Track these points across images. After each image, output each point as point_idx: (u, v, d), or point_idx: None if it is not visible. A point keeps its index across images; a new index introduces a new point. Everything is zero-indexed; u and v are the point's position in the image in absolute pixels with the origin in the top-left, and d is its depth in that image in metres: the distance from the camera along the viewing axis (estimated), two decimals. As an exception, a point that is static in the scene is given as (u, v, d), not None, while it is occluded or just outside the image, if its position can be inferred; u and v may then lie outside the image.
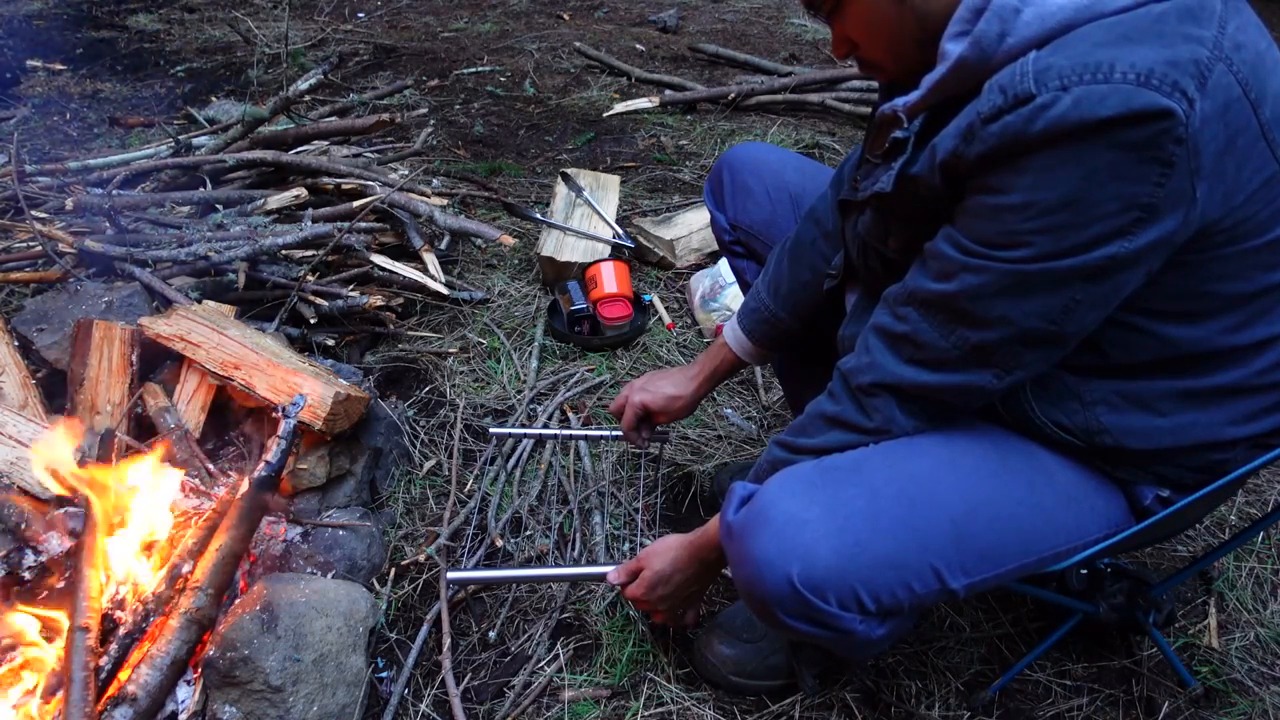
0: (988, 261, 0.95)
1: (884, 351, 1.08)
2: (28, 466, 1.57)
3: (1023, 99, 0.86)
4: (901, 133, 1.03)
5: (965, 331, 1.01)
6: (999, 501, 1.10)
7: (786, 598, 1.03)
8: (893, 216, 1.10)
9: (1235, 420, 1.08)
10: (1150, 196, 0.87)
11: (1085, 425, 1.10)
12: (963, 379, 1.05)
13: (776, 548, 1.04)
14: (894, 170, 1.04)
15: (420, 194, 2.60)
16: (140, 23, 5.35)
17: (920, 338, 1.04)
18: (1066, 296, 0.95)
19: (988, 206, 0.93)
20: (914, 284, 1.04)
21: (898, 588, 1.04)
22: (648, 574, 1.36)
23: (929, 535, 1.05)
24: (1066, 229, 0.90)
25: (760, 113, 4.00)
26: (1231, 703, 1.45)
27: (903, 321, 1.06)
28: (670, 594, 1.36)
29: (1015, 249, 0.92)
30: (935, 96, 0.98)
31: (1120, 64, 0.83)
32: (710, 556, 1.32)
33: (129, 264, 2.19)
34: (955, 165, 0.95)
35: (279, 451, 1.51)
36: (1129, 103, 0.82)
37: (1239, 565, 1.69)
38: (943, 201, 1.00)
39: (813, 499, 1.05)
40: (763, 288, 1.51)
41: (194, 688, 1.33)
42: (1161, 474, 1.14)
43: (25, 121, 3.81)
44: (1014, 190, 0.90)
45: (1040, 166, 0.88)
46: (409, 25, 5.36)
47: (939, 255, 1.00)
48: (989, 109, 0.89)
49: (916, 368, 1.06)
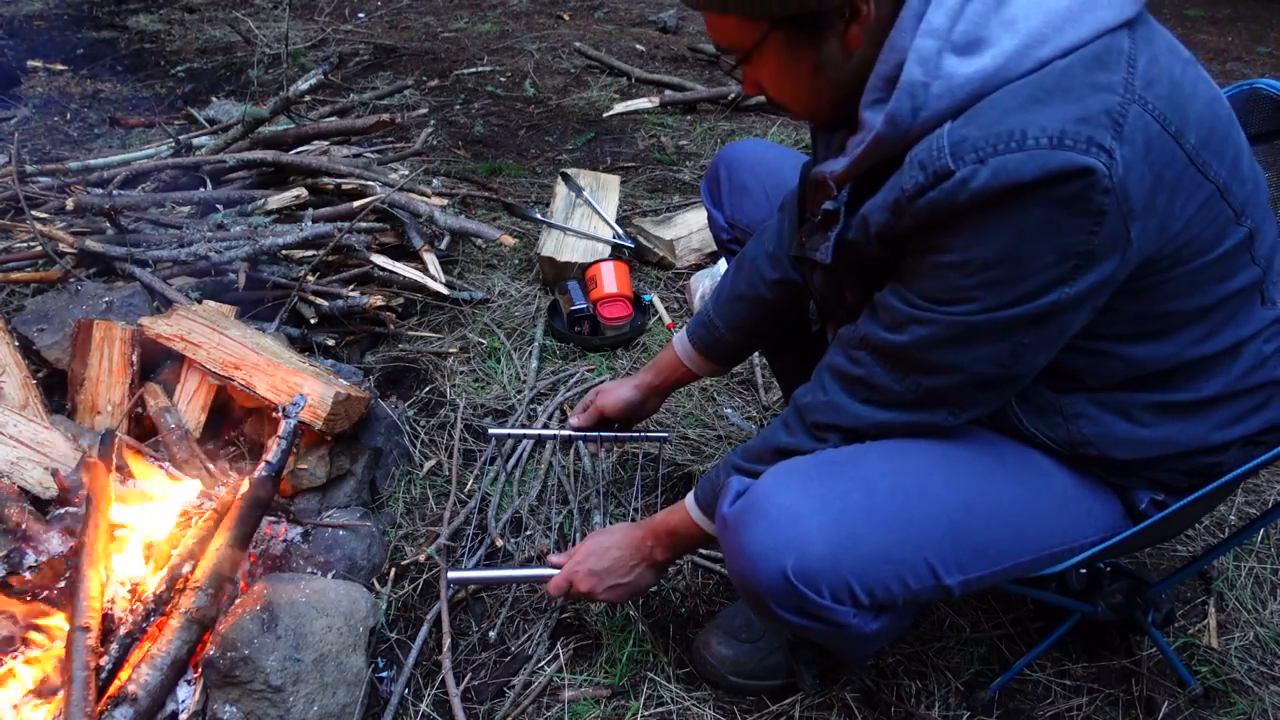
0: (934, 314, 0.97)
1: (840, 393, 1.10)
2: (28, 466, 1.57)
3: (942, 175, 0.87)
4: (831, 204, 1.05)
5: (918, 378, 1.03)
6: (995, 499, 1.10)
7: (780, 590, 1.03)
8: (841, 278, 1.12)
9: (1222, 425, 1.09)
10: (1086, 245, 0.88)
11: (1069, 438, 1.11)
12: (918, 418, 1.07)
13: (771, 540, 1.04)
14: (830, 242, 1.06)
15: (420, 194, 2.60)
16: (141, 23, 5.35)
17: (875, 380, 1.06)
18: (1013, 342, 0.97)
19: (929, 265, 0.95)
20: (866, 330, 1.06)
21: (891, 581, 1.04)
22: (580, 573, 1.37)
23: (924, 530, 1.05)
24: (1006, 283, 0.91)
25: (760, 113, 4.00)
26: (1231, 702, 1.46)
27: (857, 365, 1.08)
28: (607, 590, 1.37)
29: (960, 304, 0.95)
30: (859, 168, 1.00)
31: (1031, 129, 0.84)
32: (657, 557, 1.35)
33: (129, 264, 2.19)
34: (889, 234, 0.97)
35: (279, 451, 1.51)
36: (1045, 166, 0.83)
37: (1238, 565, 1.69)
38: (883, 261, 1.02)
39: (808, 492, 1.05)
40: (710, 298, 1.54)
41: (194, 687, 1.33)
42: (1154, 479, 1.14)
43: (26, 122, 3.81)
44: (951, 250, 0.92)
45: (972, 228, 0.89)
46: (409, 25, 5.36)
47: (888, 308, 1.02)
48: (911, 186, 0.90)
49: (873, 408, 1.08)
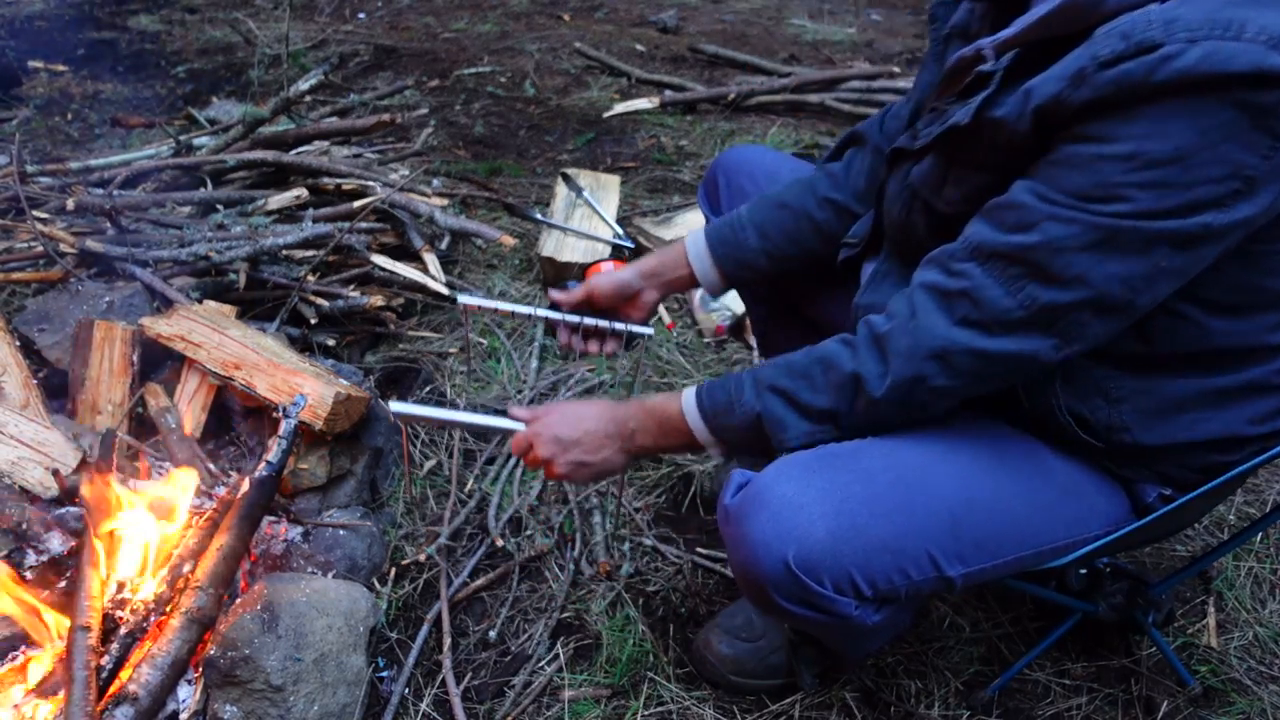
0: (1077, 213, 0.90)
1: (933, 311, 1.00)
2: (29, 466, 1.58)
3: (1147, 47, 0.83)
4: (989, 67, 0.98)
5: (1036, 289, 0.94)
6: (997, 493, 1.10)
7: (782, 580, 1.03)
8: (957, 162, 1.05)
9: (1253, 419, 1.08)
10: (1254, 169, 0.85)
11: (1107, 421, 1.09)
12: (1018, 346, 0.98)
13: (773, 530, 1.03)
14: (974, 104, 0.99)
15: (420, 194, 2.60)
16: (141, 24, 5.35)
17: (981, 294, 0.97)
18: (1152, 262, 0.90)
19: (1084, 156, 0.89)
20: (979, 238, 0.98)
21: (893, 573, 1.04)
22: (544, 437, 1.24)
23: (926, 521, 1.05)
24: (1167, 187, 0.86)
25: (760, 113, 4.00)
26: (1230, 702, 1.46)
27: (960, 278, 0.99)
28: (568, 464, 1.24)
29: (1110, 203, 0.88)
30: (1035, 33, 0.94)
31: (1251, 24, 0.81)
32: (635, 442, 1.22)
33: (130, 264, 2.19)
34: (1054, 111, 0.90)
35: (279, 451, 1.51)
36: (1260, 63, 0.80)
37: (1238, 565, 1.69)
38: (1019, 151, 0.96)
39: (809, 483, 1.05)
40: (749, 229, 1.44)
41: (195, 687, 1.34)
42: (1165, 473, 1.14)
43: (27, 122, 3.81)
44: (1121, 139, 0.87)
45: (1154, 116, 0.85)
46: (409, 26, 5.36)
47: (1016, 206, 0.95)
48: (1108, 54, 0.85)
49: (970, 330, 0.98)
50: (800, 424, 1.09)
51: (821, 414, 1.09)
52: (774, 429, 1.10)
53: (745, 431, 1.13)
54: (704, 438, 1.18)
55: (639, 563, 1.73)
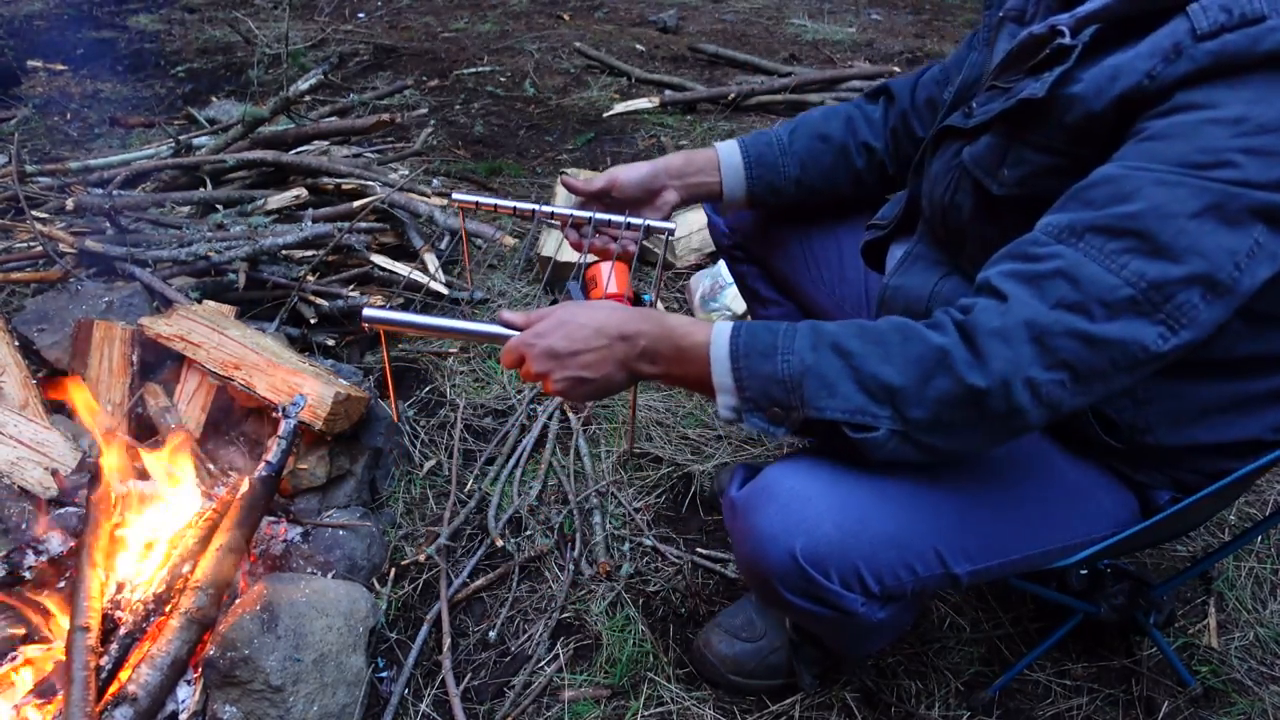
0: (1186, 177, 0.84)
1: (1025, 295, 0.88)
2: (28, 466, 1.57)
3: (1251, 19, 0.82)
4: (1068, 40, 0.94)
5: (1142, 262, 0.85)
6: (1005, 491, 1.10)
7: (789, 572, 1.02)
8: (1018, 141, 1.00)
9: (1275, 427, 1.08)
10: None
11: (1133, 422, 1.07)
12: (1124, 332, 0.86)
13: (781, 522, 1.02)
14: (1050, 77, 0.94)
15: (420, 194, 2.60)
16: (141, 23, 5.35)
17: (1079, 272, 0.86)
18: (1251, 238, 0.85)
19: (1188, 124, 0.84)
20: (1066, 220, 0.89)
21: (900, 568, 1.04)
22: (538, 348, 1.06)
23: (932, 518, 1.05)
24: (1275, 155, 0.82)
25: (760, 113, 4.00)
26: (1231, 702, 1.46)
27: (1049, 260, 0.88)
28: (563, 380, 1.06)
29: (1219, 169, 0.83)
30: (1122, 7, 0.91)
31: None
32: (643, 367, 1.05)
33: (129, 264, 2.19)
34: (1144, 89, 0.87)
35: (279, 451, 1.51)
36: None
37: (1239, 565, 1.69)
38: (1090, 134, 0.92)
39: (818, 476, 1.04)
40: (791, 158, 1.40)
41: (194, 687, 1.33)
42: (1178, 478, 1.14)
43: (26, 122, 3.81)
44: (1227, 104, 0.83)
45: (1261, 84, 0.82)
46: (409, 25, 5.36)
47: (1109, 180, 0.87)
48: (1208, 26, 0.83)
49: (1069, 313, 0.86)
50: (853, 395, 0.93)
51: (883, 389, 0.92)
52: (816, 392, 0.93)
53: (775, 384, 0.96)
54: (721, 380, 1.00)
55: (639, 563, 1.73)
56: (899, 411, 0.92)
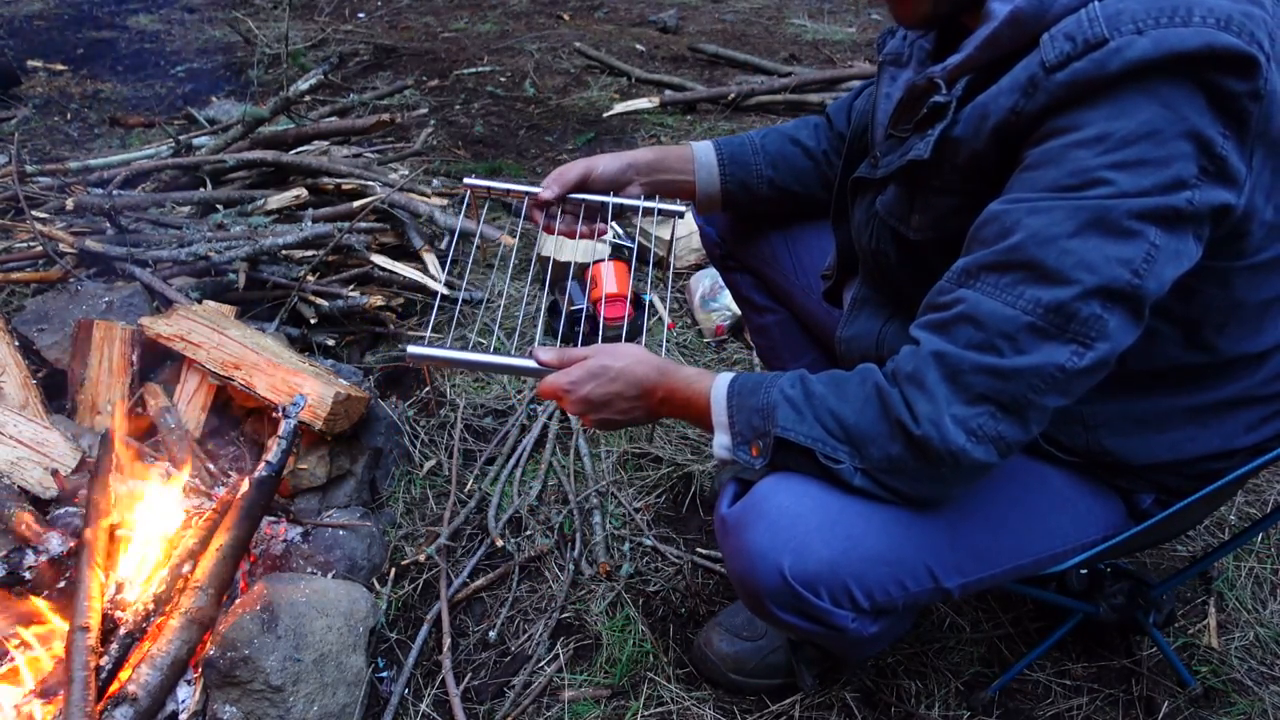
0: (1057, 201, 0.86)
1: (937, 343, 0.93)
2: (28, 466, 1.57)
3: (1094, 44, 0.83)
4: (942, 97, 0.97)
5: (1035, 290, 0.88)
6: (993, 503, 1.10)
7: (778, 590, 1.03)
8: (921, 189, 1.03)
9: (1238, 432, 1.08)
10: (1220, 148, 0.84)
11: (1086, 447, 1.09)
12: (1035, 359, 0.89)
13: (770, 540, 1.03)
14: (933, 136, 0.97)
15: (420, 194, 2.60)
16: (141, 23, 5.35)
17: (979, 311, 0.90)
18: (1146, 242, 0.86)
19: (1054, 150, 0.87)
20: (963, 264, 0.94)
21: (890, 584, 1.04)
22: (575, 396, 1.19)
23: (923, 533, 1.05)
24: (1146, 164, 0.84)
25: (760, 113, 4.00)
26: (1231, 702, 1.46)
27: (953, 306, 0.93)
28: (596, 421, 1.22)
29: (1090, 188, 0.85)
30: (985, 55, 0.93)
31: (1198, 9, 0.81)
32: (661, 412, 1.19)
33: (129, 264, 2.19)
34: (1013, 124, 0.89)
35: (279, 451, 1.51)
36: (1212, 41, 0.80)
37: (1238, 565, 1.69)
38: (982, 170, 0.95)
39: (806, 494, 1.04)
40: (762, 156, 1.43)
41: (194, 687, 1.33)
42: (1161, 483, 1.14)
43: (26, 122, 3.81)
44: (1086, 126, 0.85)
45: (1116, 99, 0.84)
46: (409, 25, 5.36)
47: (993, 218, 0.91)
48: (1056, 57, 0.85)
49: (978, 352, 0.90)
50: (815, 427, 1.00)
51: (840, 428, 0.99)
52: (786, 415, 1.01)
53: (755, 413, 1.04)
54: (718, 419, 1.09)
55: (639, 563, 1.73)
56: (858, 450, 0.99)
